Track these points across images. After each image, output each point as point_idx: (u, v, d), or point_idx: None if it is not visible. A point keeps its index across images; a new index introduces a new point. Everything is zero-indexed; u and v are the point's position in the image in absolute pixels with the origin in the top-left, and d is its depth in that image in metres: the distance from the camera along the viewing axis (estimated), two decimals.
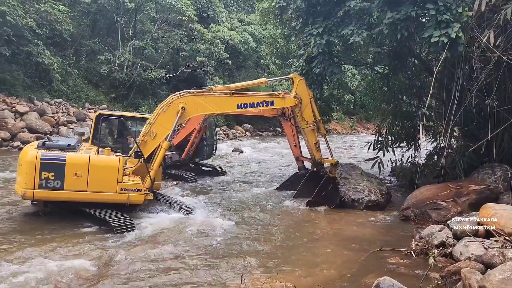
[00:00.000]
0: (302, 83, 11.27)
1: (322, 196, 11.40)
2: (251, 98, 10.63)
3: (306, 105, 11.25)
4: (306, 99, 11.30)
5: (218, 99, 10.46)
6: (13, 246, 7.39)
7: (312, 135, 11.55)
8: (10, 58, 21.56)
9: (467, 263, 6.42)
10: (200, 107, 10.13)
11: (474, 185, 10.39)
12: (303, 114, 11.26)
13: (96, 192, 8.78)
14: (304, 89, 11.30)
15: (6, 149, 18.83)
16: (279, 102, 10.97)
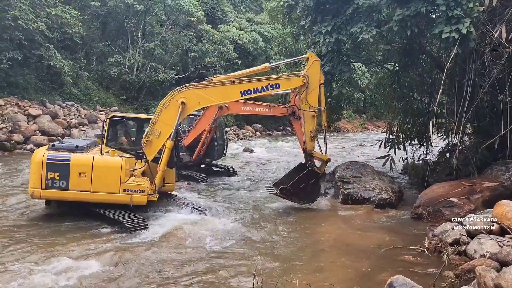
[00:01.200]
0: (317, 64, 10.41)
1: (300, 189, 10.73)
2: (255, 83, 9.94)
3: (313, 89, 10.28)
4: (316, 82, 10.34)
5: (219, 89, 9.91)
6: (29, 247, 7.49)
7: (310, 122, 10.56)
8: (22, 62, 21.84)
9: (482, 261, 6.35)
10: (201, 100, 9.80)
11: (487, 182, 10.27)
12: (308, 97, 10.29)
13: (100, 192, 8.87)
14: (317, 71, 10.39)
15: (20, 151, 19.08)
16: (285, 83, 10.25)
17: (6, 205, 10.27)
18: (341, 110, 19.92)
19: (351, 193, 11.86)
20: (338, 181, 12.48)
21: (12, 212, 9.76)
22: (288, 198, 10.76)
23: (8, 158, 17.52)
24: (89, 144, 9.93)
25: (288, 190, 10.61)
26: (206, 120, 14.49)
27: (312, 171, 10.78)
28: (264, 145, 28.27)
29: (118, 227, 8.60)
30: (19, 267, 6.57)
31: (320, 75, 10.45)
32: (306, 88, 10.21)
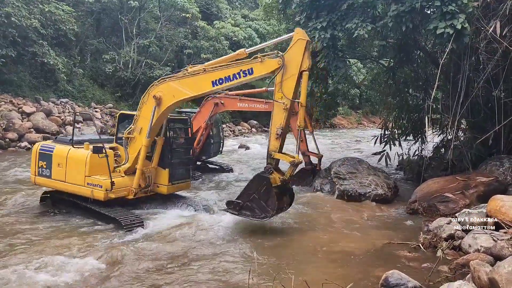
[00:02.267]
0: (301, 44, 8.15)
1: (250, 200, 8.35)
2: (226, 71, 8.52)
3: (291, 74, 8.15)
4: (295, 66, 8.13)
5: (191, 80, 8.81)
6: (24, 245, 7.46)
7: (279, 116, 8.34)
8: (15, 59, 21.68)
9: (476, 256, 6.39)
10: (176, 93, 8.89)
11: (482, 177, 10.32)
12: (283, 84, 8.20)
13: (71, 183, 9.14)
14: (299, 53, 8.16)
15: (14, 149, 18.97)
16: (259, 67, 8.31)
17: (2, 203, 10.22)
18: (336, 106, 19.91)
19: (347, 189, 11.89)
20: (333, 177, 12.51)
21: (7, 210, 9.71)
22: (238, 214, 8.46)
23: (3, 156, 17.40)
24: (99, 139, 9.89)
25: (237, 204, 8.38)
26: (202, 117, 14.46)
27: (260, 177, 8.37)
28: (260, 141, 28.26)
29: (113, 224, 8.58)
30: (14, 266, 6.54)
31: (306, 59, 8.17)
32: (282, 74, 8.16)
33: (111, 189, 8.76)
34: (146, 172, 9.45)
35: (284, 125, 8.28)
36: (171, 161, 9.74)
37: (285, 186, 8.54)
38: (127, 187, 9.22)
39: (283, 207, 8.71)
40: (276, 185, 8.18)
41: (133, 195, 9.28)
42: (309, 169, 13.99)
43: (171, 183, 9.73)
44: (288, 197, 8.90)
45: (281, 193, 8.44)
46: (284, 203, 8.66)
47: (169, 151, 9.74)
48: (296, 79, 8.14)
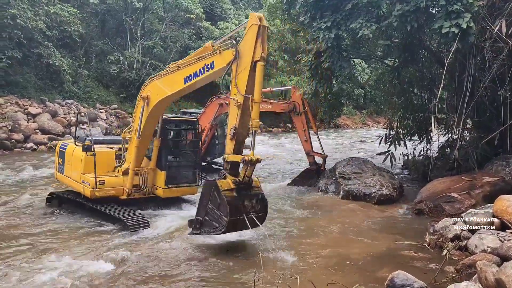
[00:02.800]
0: (252, 31, 7.12)
1: (207, 213, 7.29)
2: (194, 67, 8.02)
3: (244, 67, 7.18)
4: (247, 56, 7.14)
5: (169, 78, 8.51)
6: (31, 246, 7.51)
7: (232, 115, 7.35)
8: (21, 61, 21.83)
9: (483, 256, 6.35)
10: (159, 92, 8.64)
11: (488, 177, 10.26)
12: (237, 77, 7.28)
13: (73, 180, 9.56)
14: (251, 40, 7.13)
15: (20, 150, 19.09)
16: (219, 60, 7.58)
17: (9, 204, 10.29)
18: (341, 106, 19.86)
19: (352, 189, 11.87)
20: (338, 177, 12.49)
21: (15, 210, 9.77)
22: (200, 233, 7.44)
23: (8, 157, 17.51)
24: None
25: (197, 222, 7.39)
26: (206, 118, 14.47)
27: (208, 183, 7.47)
28: (264, 141, 28.24)
29: (119, 225, 8.60)
30: (21, 266, 6.58)
31: (259, 46, 7.06)
32: (236, 67, 7.28)
33: (95, 187, 8.88)
34: (142, 173, 9.41)
35: (238, 125, 7.20)
36: (168, 163, 9.57)
37: (249, 189, 7.31)
38: (118, 187, 9.25)
39: (248, 213, 7.17)
40: (229, 188, 7.05)
41: (126, 195, 9.27)
42: (314, 169, 13.98)
43: (167, 186, 9.48)
44: (257, 202, 7.36)
45: (244, 197, 7.19)
46: (248, 208, 7.18)
47: (167, 152, 9.59)
48: (248, 71, 7.12)
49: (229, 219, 6.87)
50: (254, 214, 7.21)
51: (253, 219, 7.17)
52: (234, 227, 7.16)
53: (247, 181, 7.19)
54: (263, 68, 7.06)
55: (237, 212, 7.01)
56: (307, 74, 13.76)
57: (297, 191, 13.05)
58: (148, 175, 9.52)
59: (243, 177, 7.13)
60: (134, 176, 9.26)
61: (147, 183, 9.52)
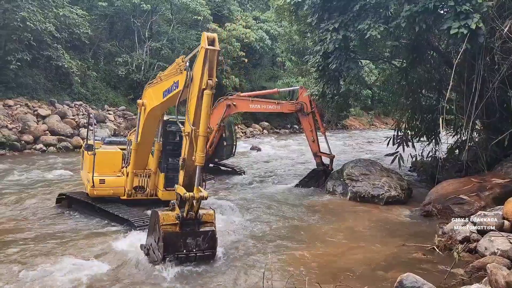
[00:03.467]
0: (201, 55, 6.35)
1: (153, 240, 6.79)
2: (168, 82, 7.47)
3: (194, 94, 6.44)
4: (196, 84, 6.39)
5: (156, 88, 8.14)
6: (39, 246, 7.58)
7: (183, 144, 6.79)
8: (31, 63, 22.06)
9: (493, 258, 6.30)
10: (150, 102, 8.38)
11: (497, 179, 10.17)
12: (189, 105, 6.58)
13: (84, 178, 9.91)
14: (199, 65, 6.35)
15: (30, 151, 19.28)
16: (181, 80, 6.82)
17: (20, 205, 10.39)
18: (348, 108, 19.81)
19: (360, 190, 11.83)
20: (346, 178, 12.46)
21: (24, 210, 9.86)
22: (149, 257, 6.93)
23: (19, 158, 17.69)
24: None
25: (145, 247, 7.07)
26: (214, 119, 14.49)
27: (152, 213, 7.07)
28: (271, 143, 28.27)
29: (126, 225, 8.64)
30: (28, 267, 6.63)
31: (205, 74, 6.25)
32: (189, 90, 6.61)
33: (93, 186, 9.02)
34: (143, 175, 9.44)
35: (187, 156, 6.50)
36: (166, 165, 9.44)
37: (197, 226, 6.68)
38: (118, 187, 9.36)
39: (190, 252, 6.59)
40: (171, 223, 6.48)
41: (127, 196, 9.32)
42: (321, 170, 13.97)
43: (165, 189, 9.30)
44: (203, 240, 6.68)
45: (187, 234, 6.58)
46: (190, 246, 6.57)
47: (166, 154, 9.50)
48: (195, 99, 6.36)
49: (163, 256, 6.38)
50: (198, 253, 6.63)
51: (196, 258, 6.65)
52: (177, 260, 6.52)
53: (193, 217, 6.53)
54: (210, 97, 6.26)
55: (175, 250, 6.45)
56: (314, 75, 13.74)
57: (304, 192, 13.04)
58: (150, 177, 9.50)
59: (186, 213, 6.47)
60: (134, 178, 9.30)
61: (149, 185, 9.51)
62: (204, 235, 6.70)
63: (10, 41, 20.69)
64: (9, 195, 11.19)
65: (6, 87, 21.39)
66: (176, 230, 6.50)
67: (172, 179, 9.37)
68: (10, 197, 11.03)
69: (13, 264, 6.69)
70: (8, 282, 6.08)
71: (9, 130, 19.33)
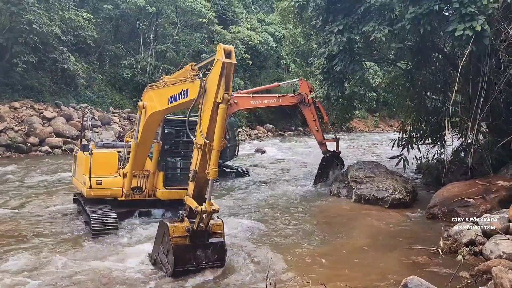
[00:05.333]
0: (217, 68, 6.08)
1: (159, 252, 6.81)
2: (175, 89, 7.34)
3: (208, 106, 6.23)
4: (211, 96, 6.16)
5: (159, 92, 8.07)
6: (39, 247, 7.63)
7: (194, 156, 6.55)
8: (37, 65, 22.22)
9: (498, 262, 6.25)
10: (152, 105, 8.28)
11: (503, 182, 10.10)
12: (202, 116, 6.37)
13: (79, 181, 9.71)
14: (215, 77, 6.10)
15: (35, 153, 19.40)
16: (191, 89, 6.74)
17: (30, 207, 10.48)
18: (353, 110, 19.77)
19: (364, 193, 11.79)
20: (350, 181, 12.43)
21: (29, 214, 9.92)
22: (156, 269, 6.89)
23: (24, 160, 17.79)
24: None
25: (151, 258, 7.10)
26: None
27: (161, 224, 6.89)
28: (276, 145, 28.26)
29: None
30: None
31: (222, 86, 6.03)
32: (202, 101, 6.40)
33: (90, 187, 8.88)
34: (142, 176, 9.30)
35: (198, 168, 6.36)
36: (165, 163, 9.35)
37: (206, 237, 6.59)
38: (116, 188, 9.21)
39: (199, 264, 6.56)
40: (181, 235, 6.40)
41: (124, 197, 9.20)
42: (329, 155, 14.21)
43: (165, 188, 9.23)
44: (213, 252, 6.65)
45: (197, 247, 6.54)
46: (200, 259, 6.55)
47: (166, 153, 9.40)
48: (210, 112, 6.15)
49: (173, 269, 6.32)
50: (208, 265, 6.61)
51: (205, 270, 6.62)
52: (183, 273, 6.48)
53: (203, 229, 6.46)
54: (225, 111, 6.08)
55: (185, 262, 6.41)
56: (319, 77, 13.72)
57: (309, 194, 13.03)
58: (149, 178, 9.38)
59: (197, 226, 6.38)
60: (132, 179, 9.16)
61: (147, 185, 9.39)
62: (214, 247, 6.65)
63: (16, 44, 20.85)
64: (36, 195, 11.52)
65: (12, 90, 21.55)
66: (186, 242, 6.41)
67: (171, 178, 9.47)
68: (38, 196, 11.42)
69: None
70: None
71: (15, 132, 19.47)
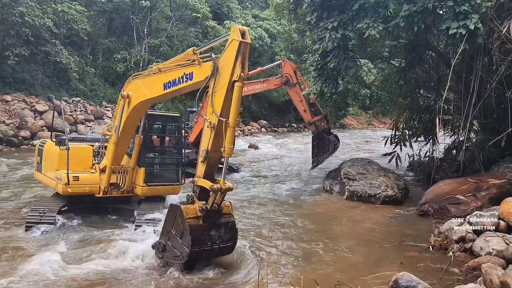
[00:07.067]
0: (233, 47, 6.29)
1: (169, 238, 6.54)
2: (173, 74, 7.38)
3: (221, 86, 6.41)
4: (225, 76, 6.35)
5: (150, 80, 7.97)
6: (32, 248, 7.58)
7: (205, 137, 6.60)
8: (29, 58, 21.97)
9: (488, 258, 6.32)
10: (140, 93, 8.13)
11: (494, 179, 10.20)
12: (214, 96, 6.52)
13: (49, 178, 9.16)
14: (231, 58, 6.31)
15: (27, 147, 19.23)
16: (198, 72, 6.88)
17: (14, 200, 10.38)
18: (346, 107, 19.83)
19: (357, 190, 11.84)
20: (343, 177, 12.47)
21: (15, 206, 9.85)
22: (162, 257, 6.70)
23: (16, 154, 17.64)
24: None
25: (159, 245, 6.71)
26: (205, 113, 14.42)
27: (172, 207, 6.72)
28: (270, 141, 28.28)
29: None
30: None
31: (238, 66, 6.27)
32: (214, 83, 6.53)
33: (68, 183, 8.39)
34: (121, 171, 8.97)
35: (210, 148, 6.46)
36: (147, 159, 9.11)
37: (218, 217, 6.58)
38: (94, 184, 8.79)
39: (214, 244, 6.52)
40: (194, 216, 6.35)
41: (102, 193, 8.84)
42: (320, 132, 14.41)
43: (146, 184, 9.01)
44: (225, 231, 6.67)
45: (211, 227, 6.51)
46: (214, 239, 6.52)
47: (147, 149, 9.21)
48: (225, 91, 6.32)
49: (191, 250, 6.20)
50: (221, 245, 6.61)
51: (219, 250, 6.63)
52: (197, 257, 6.50)
53: (216, 209, 6.47)
54: (241, 89, 6.34)
55: (201, 243, 6.35)
56: (313, 74, 13.77)
57: (301, 191, 13.05)
58: (127, 174, 9.06)
59: (211, 206, 6.39)
60: (111, 174, 8.84)
61: (126, 181, 9.07)
62: (226, 226, 6.67)
63: (8, 36, 20.61)
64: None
65: (3, 83, 21.32)
66: (200, 223, 6.38)
67: (153, 174, 9.23)
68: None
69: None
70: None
71: (6, 126, 19.29)
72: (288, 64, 14.77)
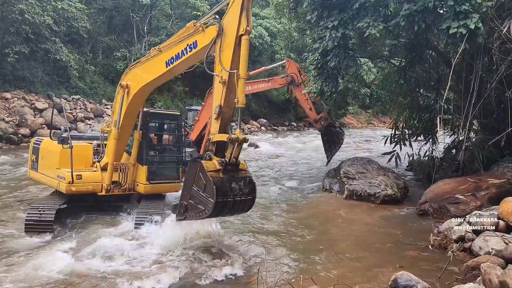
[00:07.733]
0: (237, 4, 6.68)
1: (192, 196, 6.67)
2: (176, 49, 7.60)
3: (229, 42, 6.77)
4: (232, 32, 6.74)
5: (150, 63, 8.16)
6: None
7: (217, 93, 6.86)
8: (28, 56, 21.97)
9: (487, 258, 6.32)
10: (139, 80, 8.29)
11: (494, 179, 10.20)
12: (222, 54, 6.85)
13: (47, 176, 9.02)
14: (235, 15, 6.70)
15: (26, 145, 19.18)
16: (201, 38, 7.17)
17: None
18: (346, 106, 19.80)
19: (356, 189, 11.85)
20: (343, 176, 12.47)
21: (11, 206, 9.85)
22: (185, 218, 6.97)
23: (16, 151, 17.64)
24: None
25: (181, 206, 6.87)
26: (207, 112, 14.42)
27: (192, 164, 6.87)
28: (269, 140, 28.28)
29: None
30: None
31: (243, 20, 6.65)
32: (220, 43, 6.88)
33: (72, 182, 8.31)
34: (122, 169, 8.93)
35: (223, 103, 6.70)
36: (149, 157, 9.09)
37: (236, 172, 6.74)
38: (96, 182, 8.73)
39: (236, 196, 6.60)
40: (215, 169, 6.47)
41: (105, 192, 8.78)
42: (325, 128, 15.02)
43: (149, 182, 9.00)
44: (245, 185, 6.78)
45: (231, 180, 6.63)
46: (235, 191, 6.61)
47: (148, 147, 9.19)
48: (233, 46, 6.71)
49: (216, 200, 6.23)
50: (243, 197, 6.69)
51: (241, 203, 6.71)
52: (220, 210, 6.53)
53: (234, 163, 6.62)
54: (248, 42, 6.69)
55: (224, 194, 6.40)
56: (313, 72, 13.73)
57: (301, 190, 13.05)
58: (128, 171, 9.00)
59: (230, 157, 6.55)
60: (113, 172, 8.79)
61: (127, 179, 9.02)
62: (244, 180, 6.78)
63: (8, 34, 20.59)
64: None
65: (3, 80, 21.30)
66: (220, 175, 6.47)
67: (155, 172, 9.21)
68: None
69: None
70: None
71: (5, 123, 19.28)
72: (292, 64, 14.86)
